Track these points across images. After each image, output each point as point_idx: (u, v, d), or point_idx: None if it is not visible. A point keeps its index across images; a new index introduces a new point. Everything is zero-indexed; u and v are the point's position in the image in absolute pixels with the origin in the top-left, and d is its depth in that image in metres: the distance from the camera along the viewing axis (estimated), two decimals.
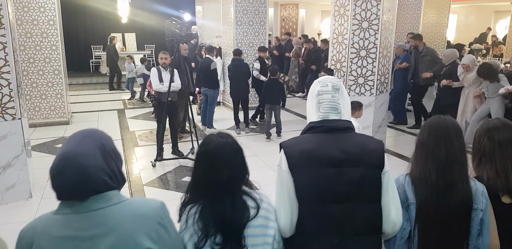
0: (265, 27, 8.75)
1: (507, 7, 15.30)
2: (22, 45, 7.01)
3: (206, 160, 1.51)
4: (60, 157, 1.20)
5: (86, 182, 1.18)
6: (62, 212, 1.21)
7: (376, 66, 5.32)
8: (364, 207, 1.57)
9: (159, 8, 13.74)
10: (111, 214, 1.20)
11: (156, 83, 5.52)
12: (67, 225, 1.18)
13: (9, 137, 4.19)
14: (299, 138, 1.69)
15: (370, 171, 1.57)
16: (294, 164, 1.57)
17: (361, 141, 1.64)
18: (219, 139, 1.55)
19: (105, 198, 1.21)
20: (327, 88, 1.67)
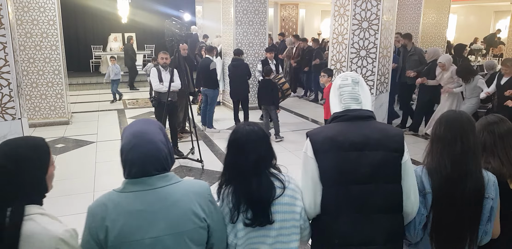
0: (265, 27, 8.75)
1: (507, 7, 15.31)
2: (22, 45, 7.02)
3: (235, 146, 1.69)
4: (131, 135, 1.44)
5: (157, 156, 1.43)
6: (129, 190, 1.41)
7: (376, 66, 5.33)
8: (384, 187, 1.70)
9: (159, 8, 13.74)
10: (172, 191, 1.43)
11: (156, 83, 5.52)
12: (136, 201, 1.39)
13: (9, 137, 4.16)
14: (324, 126, 1.88)
15: (390, 154, 1.70)
16: (318, 149, 1.72)
17: (381, 127, 1.79)
18: (247, 127, 1.72)
19: (166, 178, 1.45)
20: (347, 82, 1.84)
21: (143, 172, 1.42)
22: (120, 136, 1.48)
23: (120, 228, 1.36)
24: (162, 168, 1.45)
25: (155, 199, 1.41)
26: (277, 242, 1.68)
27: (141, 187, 1.42)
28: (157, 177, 1.43)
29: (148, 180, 1.42)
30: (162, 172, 1.45)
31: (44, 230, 1.27)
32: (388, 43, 5.52)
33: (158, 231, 1.39)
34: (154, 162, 1.43)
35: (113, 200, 1.41)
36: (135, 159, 1.41)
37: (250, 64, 8.31)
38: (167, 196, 1.42)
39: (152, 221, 1.39)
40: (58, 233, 1.27)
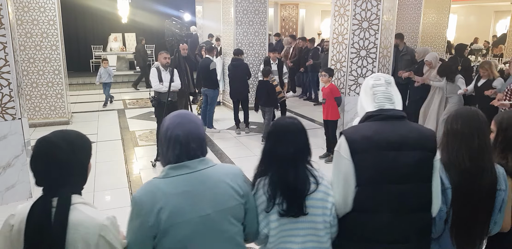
0: (265, 27, 8.75)
1: (507, 7, 15.30)
2: (22, 45, 7.02)
3: (275, 137, 1.76)
4: (175, 117, 1.60)
5: (199, 135, 1.59)
6: (172, 175, 1.52)
7: (376, 66, 5.33)
8: (419, 187, 1.73)
9: (159, 8, 13.73)
10: (212, 173, 1.56)
11: (155, 83, 5.52)
12: (181, 184, 1.51)
13: (9, 137, 4.19)
14: (359, 125, 1.86)
15: (425, 154, 1.73)
16: (356, 149, 1.72)
17: (416, 127, 1.82)
18: (288, 119, 1.81)
19: (204, 161, 1.58)
20: (381, 82, 1.87)
21: (186, 150, 1.53)
22: (161, 126, 1.61)
23: (170, 210, 1.45)
24: (201, 149, 1.58)
25: (198, 180, 1.52)
26: (309, 234, 1.73)
27: (184, 171, 1.52)
28: (197, 160, 1.55)
29: (190, 164, 1.54)
30: (199, 156, 1.57)
31: (88, 218, 1.36)
32: (388, 43, 5.52)
33: (205, 209, 1.50)
34: (196, 140, 1.56)
35: (158, 186, 1.50)
36: (180, 135, 1.53)
37: (250, 64, 8.31)
38: (209, 177, 1.54)
39: (198, 201, 1.50)
40: (101, 220, 1.37)
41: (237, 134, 6.96)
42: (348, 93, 5.43)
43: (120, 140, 6.60)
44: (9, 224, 1.38)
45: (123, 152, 6.01)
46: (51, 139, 1.42)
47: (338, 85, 5.51)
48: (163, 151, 1.59)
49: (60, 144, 1.41)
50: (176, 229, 1.46)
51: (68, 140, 1.44)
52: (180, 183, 1.51)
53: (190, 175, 1.53)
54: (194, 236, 1.49)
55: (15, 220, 1.38)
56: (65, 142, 1.42)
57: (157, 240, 1.48)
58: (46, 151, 1.40)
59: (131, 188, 4.69)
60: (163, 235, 1.46)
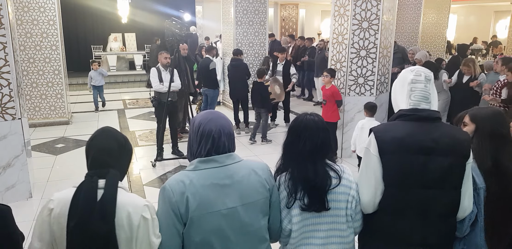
0: (265, 27, 8.75)
1: (507, 7, 15.30)
2: (22, 45, 7.01)
3: (294, 133, 1.79)
4: (207, 113, 1.67)
5: (230, 131, 1.64)
6: (201, 167, 1.57)
7: (376, 66, 5.33)
8: (448, 193, 1.70)
9: (159, 8, 13.73)
10: (239, 168, 1.61)
11: (156, 83, 5.51)
12: (210, 176, 1.56)
13: (9, 137, 4.19)
14: (390, 124, 1.80)
15: (458, 160, 1.68)
16: (385, 149, 1.69)
17: (450, 131, 1.74)
18: (308, 116, 1.80)
19: (232, 156, 1.62)
20: (421, 78, 1.77)
21: (217, 144, 1.59)
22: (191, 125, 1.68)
23: (199, 201, 1.51)
24: (231, 144, 1.64)
25: (226, 174, 1.57)
26: (332, 229, 1.73)
27: (212, 164, 1.58)
28: (225, 155, 1.60)
29: (218, 158, 1.58)
30: (228, 151, 1.62)
31: (132, 199, 1.52)
32: (388, 43, 5.52)
33: (232, 202, 1.55)
34: (227, 135, 1.62)
35: (188, 176, 1.56)
36: (213, 130, 1.58)
37: (250, 64, 8.31)
38: (236, 171, 1.59)
39: (226, 194, 1.55)
40: (143, 202, 1.52)
41: (237, 134, 6.96)
42: (348, 93, 5.43)
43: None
44: (49, 208, 1.46)
45: None
46: (111, 128, 1.66)
47: (338, 85, 5.51)
48: (192, 146, 1.64)
49: (118, 132, 1.65)
50: (203, 219, 1.51)
51: (118, 138, 1.62)
52: (209, 175, 1.56)
53: (219, 169, 1.58)
54: (220, 227, 1.53)
55: (55, 204, 1.45)
56: (120, 134, 1.65)
57: (185, 229, 1.53)
58: (109, 133, 1.62)
59: (131, 188, 4.69)
60: (190, 225, 1.51)
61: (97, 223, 1.38)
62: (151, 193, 4.57)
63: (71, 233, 1.39)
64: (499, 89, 4.92)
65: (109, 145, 1.57)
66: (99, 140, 1.60)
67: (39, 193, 4.47)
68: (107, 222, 1.40)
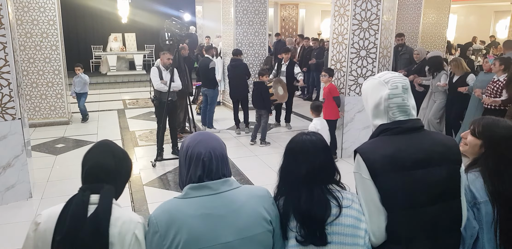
0: (265, 27, 8.75)
1: (507, 7, 15.30)
2: (22, 45, 7.02)
3: (289, 155, 1.61)
4: (197, 134, 1.53)
5: (222, 153, 1.48)
6: (193, 195, 1.40)
7: (376, 66, 5.33)
8: (452, 204, 1.59)
9: (159, 8, 13.73)
10: (237, 195, 1.43)
11: (157, 82, 5.52)
12: (202, 206, 1.38)
13: (9, 137, 4.19)
14: (374, 142, 1.62)
15: (453, 167, 1.58)
16: (377, 171, 1.52)
17: (438, 138, 1.62)
18: (304, 136, 1.62)
19: (228, 182, 1.45)
20: (397, 91, 1.59)
21: (209, 169, 1.42)
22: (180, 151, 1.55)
23: (188, 234, 1.33)
24: (225, 168, 1.47)
25: (220, 203, 1.39)
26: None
27: (205, 192, 1.40)
28: (220, 181, 1.43)
29: (212, 185, 1.41)
30: (223, 176, 1.45)
31: (125, 215, 1.42)
32: (388, 43, 5.52)
33: (228, 236, 1.36)
34: (219, 158, 1.45)
35: (177, 206, 1.39)
36: (202, 153, 1.42)
37: (250, 64, 8.31)
38: (232, 200, 1.41)
39: (220, 226, 1.36)
40: (137, 218, 1.43)
41: (237, 134, 6.96)
42: (348, 93, 5.43)
43: (120, 140, 6.60)
44: (36, 223, 1.39)
45: None
46: (110, 141, 1.56)
47: (338, 85, 5.51)
48: (182, 172, 1.48)
49: (117, 147, 1.54)
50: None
51: (120, 148, 1.55)
52: (201, 204, 1.38)
53: (212, 197, 1.40)
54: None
55: (42, 219, 1.38)
56: (120, 148, 1.55)
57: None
58: (107, 147, 1.51)
59: (131, 188, 4.69)
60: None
61: (87, 239, 1.29)
62: (151, 193, 4.57)
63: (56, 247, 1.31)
64: (499, 90, 4.85)
65: (104, 160, 1.46)
66: (95, 153, 1.49)
67: (39, 193, 4.47)
68: (99, 239, 1.31)
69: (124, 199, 4.37)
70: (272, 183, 1.68)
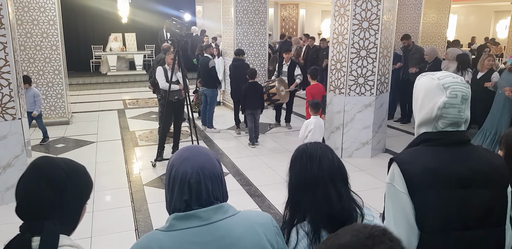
0: (265, 27, 8.75)
1: (507, 7, 15.30)
2: (22, 45, 7.01)
3: (300, 162, 1.50)
4: (183, 150, 1.25)
5: (213, 171, 1.19)
6: (178, 227, 1.14)
7: (376, 66, 5.32)
8: (494, 232, 1.41)
9: (159, 8, 13.73)
10: (233, 225, 1.16)
11: (162, 81, 5.55)
12: (189, 241, 1.11)
13: (9, 137, 4.19)
14: (415, 151, 1.46)
15: (499, 191, 1.41)
16: (415, 184, 1.36)
17: (485, 157, 1.44)
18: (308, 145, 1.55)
19: (222, 209, 1.17)
20: (456, 101, 1.39)
21: (197, 192, 1.15)
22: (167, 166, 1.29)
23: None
24: (218, 191, 1.20)
25: (212, 236, 1.13)
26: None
27: (193, 223, 1.13)
28: (212, 208, 1.16)
29: (201, 213, 1.14)
30: (216, 202, 1.18)
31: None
32: (388, 43, 5.52)
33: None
34: (211, 178, 1.18)
35: (159, 240, 1.13)
36: (189, 173, 1.16)
37: (250, 64, 8.30)
38: (227, 232, 1.14)
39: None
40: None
41: (237, 134, 6.96)
42: (348, 94, 5.43)
43: (120, 140, 6.60)
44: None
45: (123, 152, 6.01)
46: (50, 160, 1.19)
47: (338, 85, 5.51)
48: (167, 196, 1.22)
49: (55, 168, 1.15)
50: None
51: (61, 169, 1.16)
52: (188, 239, 1.12)
53: (202, 228, 1.13)
54: None
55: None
56: (59, 169, 1.16)
57: None
58: (39, 172, 1.15)
59: (131, 188, 4.69)
60: None
61: None
62: (151, 193, 4.57)
63: None
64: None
65: (36, 192, 1.11)
66: (25, 183, 1.15)
67: None
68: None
69: (124, 200, 4.38)
70: (272, 183, 1.68)
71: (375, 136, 5.59)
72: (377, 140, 5.68)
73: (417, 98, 1.50)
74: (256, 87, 6.35)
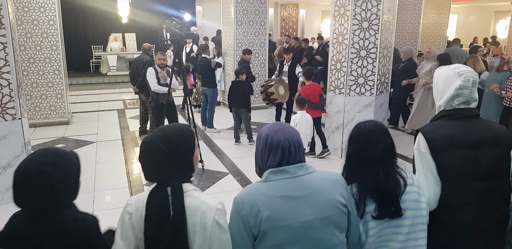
0: (265, 27, 8.75)
1: (507, 7, 15.31)
2: (22, 45, 7.02)
3: (358, 140, 1.76)
4: (273, 125, 1.63)
5: (298, 140, 1.58)
6: (273, 179, 1.52)
7: (376, 66, 5.32)
8: (501, 183, 1.82)
9: (159, 8, 13.74)
10: (313, 179, 1.54)
11: (155, 84, 5.50)
12: (282, 188, 1.50)
13: (9, 137, 4.19)
14: (436, 124, 1.89)
15: (504, 151, 1.82)
16: (436, 148, 1.78)
17: (492, 126, 1.88)
18: (367, 123, 1.79)
19: (304, 167, 1.55)
20: (468, 84, 1.82)
21: (288, 155, 1.52)
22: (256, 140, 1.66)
23: (270, 213, 1.45)
24: (301, 154, 1.57)
25: (298, 186, 1.50)
26: (409, 239, 1.71)
27: (284, 176, 1.51)
28: (297, 166, 1.53)
29: (290, 169, 1.52)
30: (299, 162, 1.55)
31: (203, 203, 1.46)
32: (388, 43, 5.52)
33: (306, 215, 1.47)
34: (296, 145, 1.55)
35: (259, 189, 1.52)
36: (282, 140, 1.53)
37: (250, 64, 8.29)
38: (309, 183, 1.52)
39: (299, 207, 1.48)
40: (215, 205, 1.47)
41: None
42: (348, 94, 5.43)
43: (120, 140, 6.60)
44: (128, 212, 1.47)
45: (123, 152, 6.00)
46: (151, 142, 1.50)
47: (338, 85, 5.51)
48: (259, 158, 1.60)
49: (160, 146, 1.47)
50: (274, 232, 1.45)
51: (166, 140, 1.49)
52: (281, 187, 1.50)
53: (291, 180, 1.51)
54: (292, 242, 1.46)
55: (133, 208, 1.46)
56: (164, 143, 1.48)
57: (256, 242, 1.48)
58: (149, 154, 1.50)
59: (131, 188, 4.69)
60: (261, 237, 1.46)
61: (168, 240, 1.38)
62: None
63: (147, 243, 1.42)
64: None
65: (155, 154, 1.48)
66: (147, 149, 1.50)
67: None
68: (179, 239, 1.39)
69: (124, 200, 4.37)
70: None
71: None
72: None
73: (438, 84, 1.92)
74: (240, 86, 6.26)
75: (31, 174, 1.46)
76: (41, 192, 1.43)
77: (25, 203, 1.47)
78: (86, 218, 1.51)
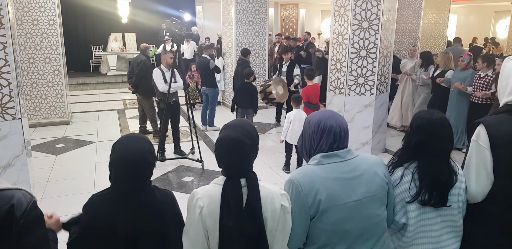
0: (265, 27, 8.75)
1: (507, 7, 15.30)
2: (22, 45, 7.01)
3: (424, 131, 1.80)
4: (325, 110, 1.77)
5: (347, 127, 1.71)
6: (324, 162, 1.64)
7: (376, 66, 5.32)
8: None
9: (159, 8, 13.74)
10: (359, 162, 1.68)
11: (162, 84, 5.48)
12: (335, 170, 1.63)
13: (9, 137, 4.18)
14: (499, 118, 1.85)
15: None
16: (497, 143, 1.77)
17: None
18: (435, 114, 1.83)
19: (350, 152, 1.69)
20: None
21: (339, 139, 1.66)
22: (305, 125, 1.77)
23: (327, 193, 1.58)
24: (347, 140, 1.70)
25: (349, 168, 1.64)
26: (447, 221, 1.81)
27: (335, 159, 1.65)
28: (345, 150, 1.68)
29: (340, 153, 1.66)
30: (346, 147, 1.69)
31: (270, 191, 1.60)
32: (388, 43, 5.52)
33: (358, 195, 1.61)
34: (345, 130, 1.68)
35: (315, 171, 1.63)
36: (334, 126, 1.66)
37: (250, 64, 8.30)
38: (358, 166, 1.66)
39: (351, 187, 1.61)
40: (279, 191, 1.62)
41: None
42: (348, 94, 5.43)
43: None
44: (199, 206, 1.55)
45: None
46: (238, 138, 1.62)
47: (338, 85, 5.51)
48: (311, 143, 1.70)
49: (245, 141, 1.61)
50: (332, 211, 1.58)
51: (248, 134, 1.63)
52: (334, 169, 1.63)
53: (342, 163, 1.64)
54: (347, 218, 1.59)
55: (204, 202, 1.55)
56: (248, 137, 1.63)
57: (314, 220, 1.59)
58: (236, 150, 1.61)
59: None
60: (319, 216, 1.58)
61: (247, 227, 1.50)
62: None
63: (223, 233, 1.51)
64: (489, 84, 5.29)
65: (241, 148, 1.61)
66: (233, 144, 1.62)
67: (39, 193, 4.46)
68: (257, 224, 1.51)
69: None
70: (273, 182, 1.72)
71: (375, 136, 5.60)
72: (377, 140, 5.69)
73: (506, 77, 1.87)
74: (248, 88, 6.21)
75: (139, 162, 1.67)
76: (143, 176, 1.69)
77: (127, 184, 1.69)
78: (166, 193, 1.74)
